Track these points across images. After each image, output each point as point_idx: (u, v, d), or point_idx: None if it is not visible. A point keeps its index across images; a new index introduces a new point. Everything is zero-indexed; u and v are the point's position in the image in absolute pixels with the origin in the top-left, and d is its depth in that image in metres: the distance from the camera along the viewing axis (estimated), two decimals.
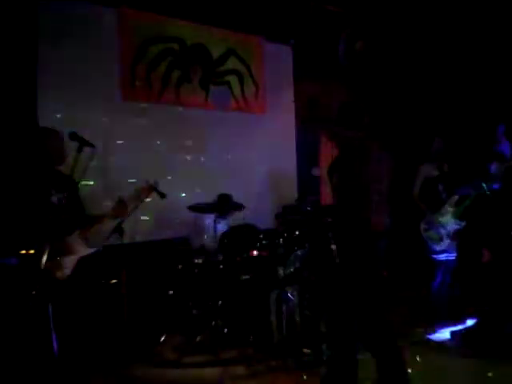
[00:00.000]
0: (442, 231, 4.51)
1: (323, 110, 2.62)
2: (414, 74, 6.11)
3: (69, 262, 2.81)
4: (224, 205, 4.58)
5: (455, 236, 4.51)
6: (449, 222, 4.50)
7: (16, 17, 4.19)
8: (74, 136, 2.87)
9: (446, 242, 4.51)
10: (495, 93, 5.53)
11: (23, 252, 2.65)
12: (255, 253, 4.26)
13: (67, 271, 2.80)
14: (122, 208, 3.15)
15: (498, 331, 3.83)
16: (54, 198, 2.92)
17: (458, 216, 4.48)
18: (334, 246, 4.26)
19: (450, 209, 4.53)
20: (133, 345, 3.88)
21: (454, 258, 4.57)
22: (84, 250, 2.92)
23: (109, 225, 3.38)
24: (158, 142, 4.98)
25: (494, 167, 4.28)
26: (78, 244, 2.89)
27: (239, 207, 4.66)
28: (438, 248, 4.54)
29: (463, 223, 4.49)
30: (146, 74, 4.96)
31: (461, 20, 5.66)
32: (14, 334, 2.68)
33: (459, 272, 4.64)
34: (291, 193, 5.86)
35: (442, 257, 4.56)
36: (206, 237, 4.65)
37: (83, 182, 3.13)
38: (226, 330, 4.04)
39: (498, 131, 4.31)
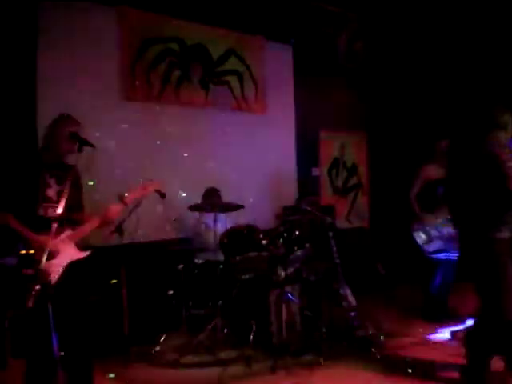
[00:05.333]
0: (433, 232, 4.50)
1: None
2: (414, 75, 6.11)
3: (56, 266, 2.68)
4: (210, 199, 4.56)
5: (450, 238, 4.49)
6: (444, 224, 4.47)
7: (16, 16, 4.19)
8: (74, 136, 2.85)
9: (436, 243, 4.49)
10: (495, 95, 5.52)
11: (23, 252, 2.64)
12: (255, 253, 4.25)
13: (54, 276, 2.66)
14: (120, 205, 3.02)
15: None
16: (52, 192, 2.85)
17: None
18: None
19: (447, 212, 4.51)
20: (133, 345, 3.87)
21: (455, 257, 4.56)
22: (75, 254, 2.79)
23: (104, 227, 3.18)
24: (158, 142, 4.99)
25: None
26: (68, 247, 2.76)
27: (239, 207, 4.66)
28: (428, 248, 4.53)
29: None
30: (146, 73, 4.96)
31: (462, 22, 5.66)
32: (14, 333, 2.68)
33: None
34: (291, 193, 5.86)
35: (442, 256, 4.54)
36: (206, 237, 4.64)
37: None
38: (225, 330, 4.04)
39: None
